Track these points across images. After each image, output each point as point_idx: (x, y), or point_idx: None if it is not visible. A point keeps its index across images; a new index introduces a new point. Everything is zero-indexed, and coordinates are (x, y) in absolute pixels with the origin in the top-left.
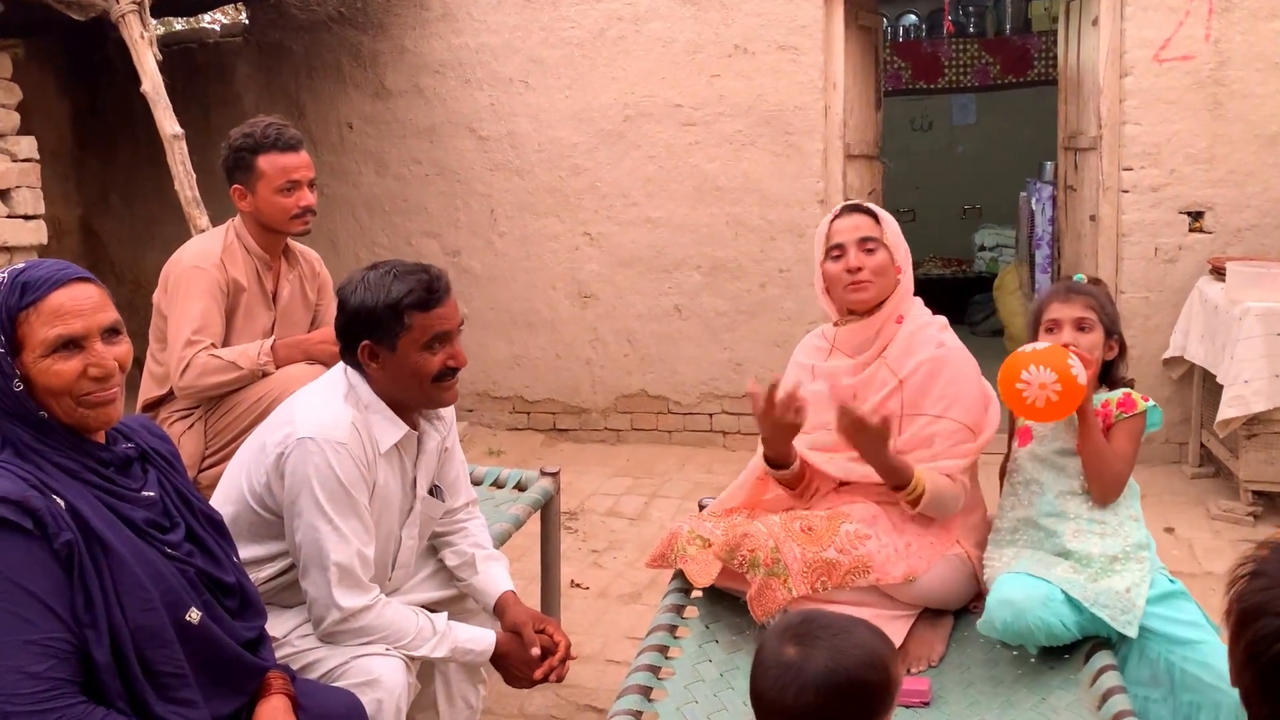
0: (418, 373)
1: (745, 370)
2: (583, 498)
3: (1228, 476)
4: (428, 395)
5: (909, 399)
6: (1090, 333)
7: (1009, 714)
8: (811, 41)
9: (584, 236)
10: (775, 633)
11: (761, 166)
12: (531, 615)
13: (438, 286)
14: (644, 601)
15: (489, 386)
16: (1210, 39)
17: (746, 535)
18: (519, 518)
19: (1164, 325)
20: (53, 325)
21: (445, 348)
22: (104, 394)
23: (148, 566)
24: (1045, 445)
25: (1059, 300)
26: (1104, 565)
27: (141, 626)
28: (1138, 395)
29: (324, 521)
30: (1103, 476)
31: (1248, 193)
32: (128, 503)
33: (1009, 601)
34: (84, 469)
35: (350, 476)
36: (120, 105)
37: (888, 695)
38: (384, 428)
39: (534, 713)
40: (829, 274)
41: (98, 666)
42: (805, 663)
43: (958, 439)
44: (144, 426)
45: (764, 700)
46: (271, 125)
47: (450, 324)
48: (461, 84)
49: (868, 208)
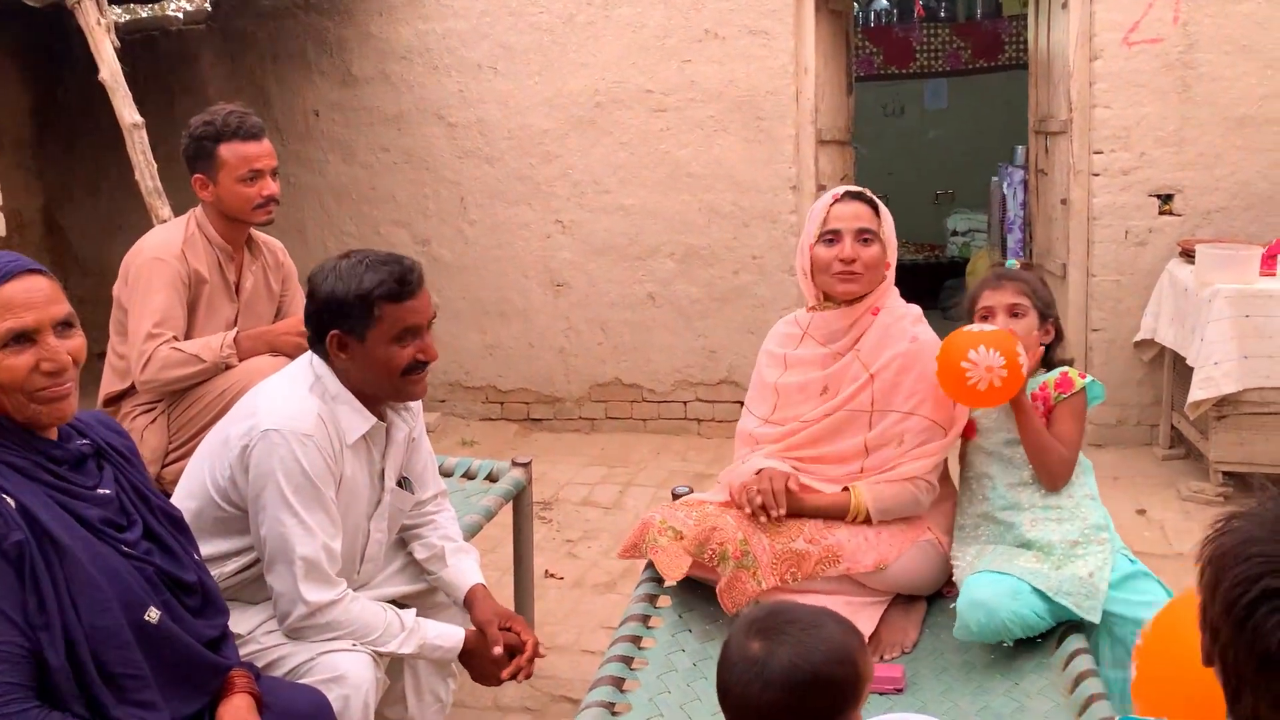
0: (387, 365)
1: (719, 358)
2: (557, 487)
3: (1198, 458)
4: (396, 388)
5: (880, 393)
6: (1024, 318)
7: (982, 699)
8: (782, 26)
9: (556, 224)
10: (741, 627)
11: (734, 152)
12: (498, 613)
13: (410, 278)
14: (619, 591)
15: (461, 377)
16: (1179, 22)
17: (715, 529)
18: (490, 509)
19: (1135, 308)
20: (3, 319)
21: (416, 341)
22: (57, 389)
23: (103, 566)
24: (990, 438)
25: (990, 288)
26: (1065, 551)
27: (97, 627)
28: (1074, 373)
29: (289, 515)
30: (1048, 464)
31: (1216, 175)
32: (82, 501)
33: (979, 603)
34: (36, 467)
35: (316, 469)
36: (82, 95)
37: (856, 690)
38: (351, 419)
39: (508, 704)
40: (819, 258)
41: (52, 670)
42: (769, 658)
43: (927, 436)
44: (99, 421)
45: (730, 696)
46: (233, 113)
47: (422, 317)
48: (429, 70)
49: (870, 197)
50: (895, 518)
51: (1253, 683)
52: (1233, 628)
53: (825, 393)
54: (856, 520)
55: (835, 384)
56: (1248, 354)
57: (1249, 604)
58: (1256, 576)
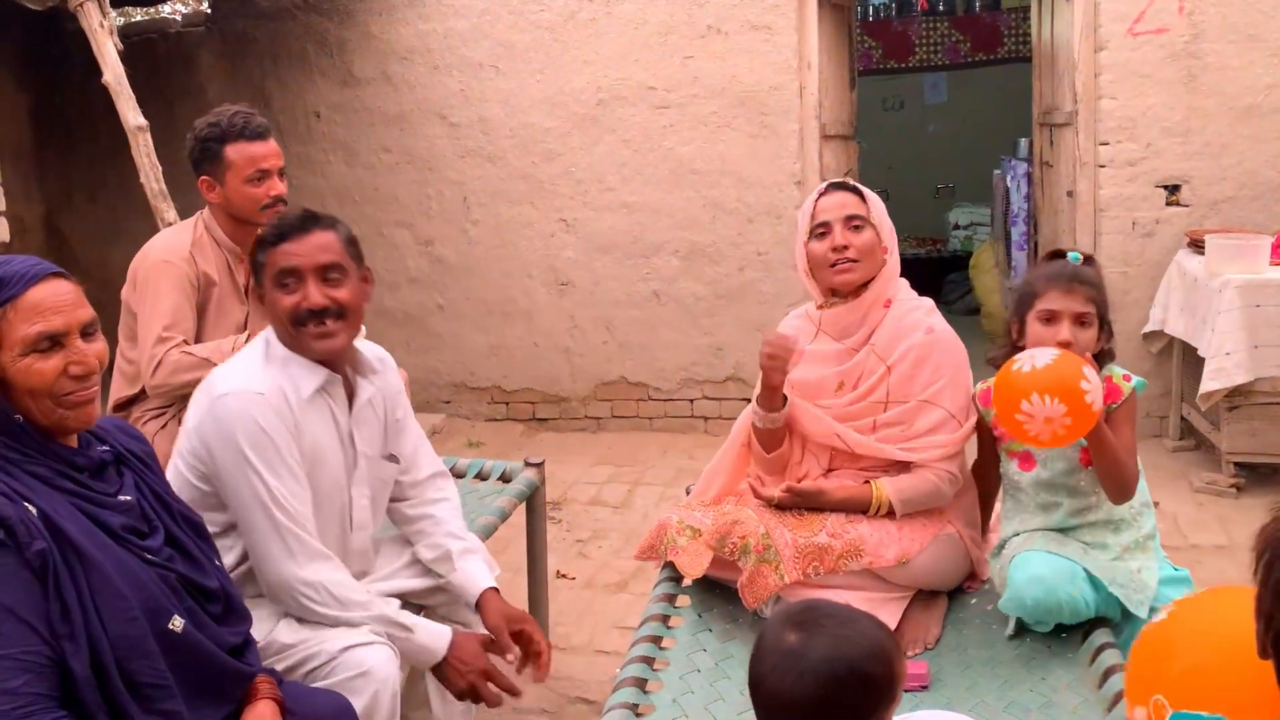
0: (275, 311)
1: (725, 355)
2: (565, 487)
3: (1209, 449)
4: (293, 339)
5: (896, 385)
6: (1089, 328)
7: (1009, 694)
8: (785, 21)
9: (559, 223)
10: (777, 619)
11: (737, 148)
12: (509, 616)
13: (286, 223)
14: (631, 590)
15: (466, 377)
16: (1184, 11)
17: (737, 522)
18: (504, 510)
19: (1143, 299)
20: (32, 322)
21: (300, 287)
22: (84, 393)
23: (127, 574)
24: (1051, 468)
25: (1060, 290)
26: (1118, 554)
27: (122, 637)
28: (1119, 375)
29: (254, 475)
30: (1122, 481)
31: (1223, 165)
32: (104, 509)
33: (1039, 578)
34: (58, 475)
35: (273, 425)
36: (80, 99)
37: (890, 689)
38: (303, 376)
39: (525, 706)
40: (813, 254)
41: (76, 679)
42: (806, 650)
43: (946, 428)
44: (118, 427)
45: (762, 686)
46: (238, 113)
47: (297, 260)
48: (430, 70)
49: (853, 185)
50: (918, 509)
51: None
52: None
53: (841, 389)
54: (879, 513)
55: (852, 379)
56: (1259, 344)
57: None
58: None
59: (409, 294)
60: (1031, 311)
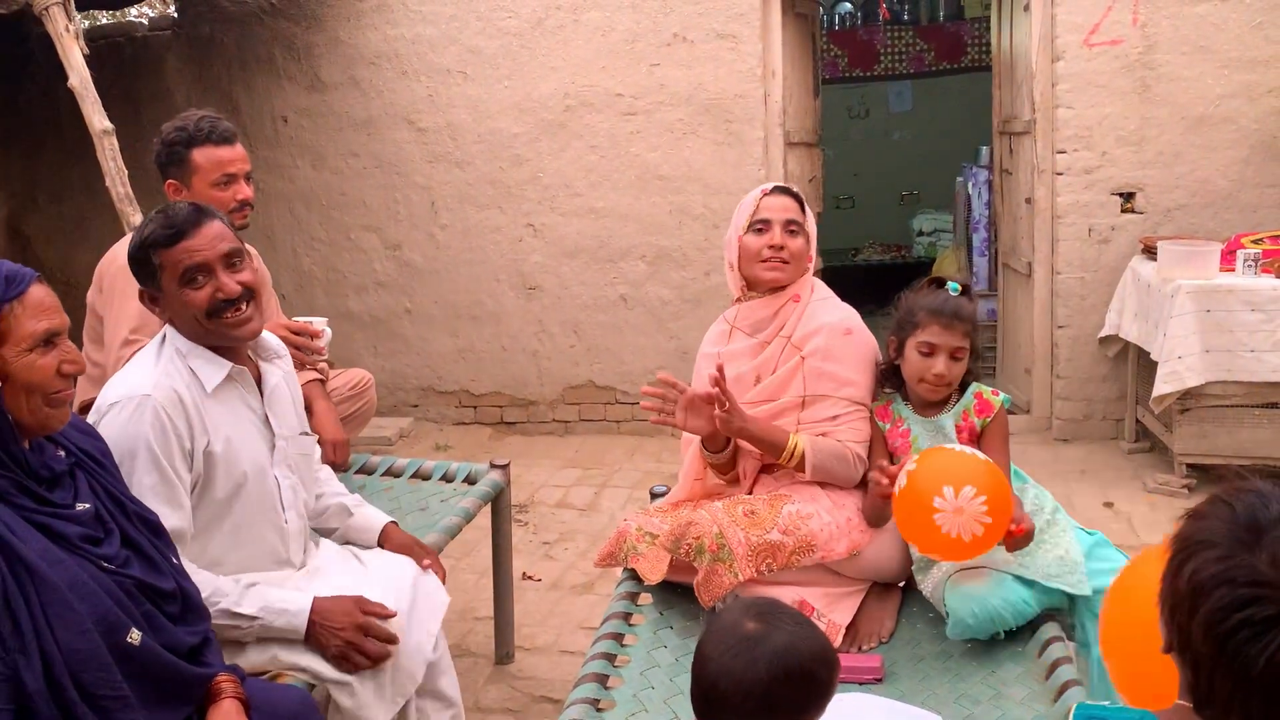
0: (187, 309)
1: (691, 359)
2: (532, 490)
3: (1163, 451)
4: (210, 331)
5: (810, 374)
6: (962, 361)
7: (959, 687)
8: (750, 29)
9: (527, 228)
10: (737, 608)
11: (703, 155)
12: (411, 540)
13: (177, 220)
14: (596, 592)
15: (434, 381)
16: (1138, 23)
17: (691, 523)
18: (469, 511)
19: (1099, 304)
20: (39, 319)
21: (210, 280)
22: (68, 392)
23: (81, 588)
24: None
25: (940, 325)
26: (1036, 541)
27: (75, 650)
28: (987, 391)
29: (134, 484)
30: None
31: (1176, 173)
32: (61, 519)
33: (969, 595)
34: (15, 488)
35: (153, 432)
36: (45, 103)
37: (826, 695)
38: (207, 369)
39: (488, 705)
40: (748, 246)
41: (30, 693)
42: (764, 639)
43: (858, 416)
44: (73, 425)
45: (710, 664)
46: (205, 118)
47: (202, 255)
48: (398, 75)
49: (795, 192)
50: (828, 477)
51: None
52: (1215, 648)
53: (758, 382)
54: (790, 463)
55: (766, 370)
56: (1209, 348)
57: (1229, 631)
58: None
59: (376, 298)
60: (911, 339)
